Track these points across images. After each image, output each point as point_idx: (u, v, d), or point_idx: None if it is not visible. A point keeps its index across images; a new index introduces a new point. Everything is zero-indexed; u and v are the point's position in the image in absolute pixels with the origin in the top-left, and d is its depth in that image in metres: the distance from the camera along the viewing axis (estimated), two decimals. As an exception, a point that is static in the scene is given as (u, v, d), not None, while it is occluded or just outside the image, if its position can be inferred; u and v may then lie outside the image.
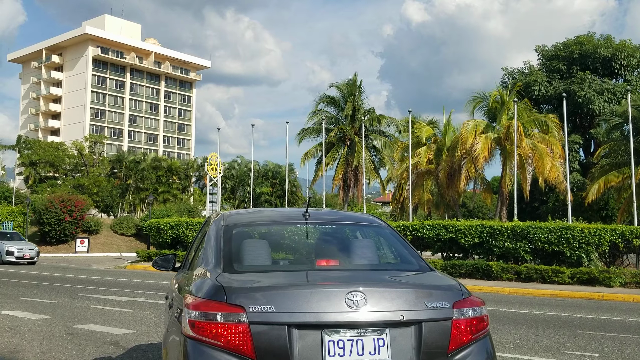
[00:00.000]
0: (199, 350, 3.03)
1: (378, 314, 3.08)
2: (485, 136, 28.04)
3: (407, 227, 22.94)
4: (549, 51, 41.71)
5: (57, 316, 10.39)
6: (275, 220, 4.67)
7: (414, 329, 3.12)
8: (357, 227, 4.50)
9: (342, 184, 38.89)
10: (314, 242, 4.25)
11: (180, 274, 4.72)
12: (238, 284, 3.21)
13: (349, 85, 39.64)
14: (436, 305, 3.19)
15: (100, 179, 63.43)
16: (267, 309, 2.99)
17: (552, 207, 40.49)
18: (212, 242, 3.86)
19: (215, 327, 3.01)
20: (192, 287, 3.41)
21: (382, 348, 3.07)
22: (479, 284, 19.21)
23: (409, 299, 3.17)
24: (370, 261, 3.92)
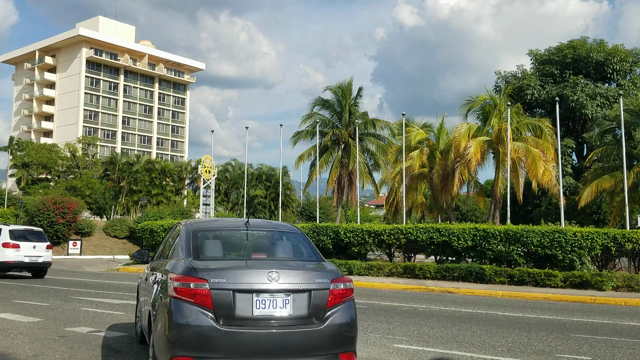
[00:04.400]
0: (179, 305, 5.27)
1: (286, 285, 5.37)
2: (478, 139, 28.10)
3: (401, 230, 22.97)
4: (542, 55, 41.90)
5: (49, 319, 10.35)
6: (226, 227, 6.97)
7: (307, 294, 5.45)
8: (281, 233, 6.88)
9: (336, 187, 38.89)
10: (251, 242, 6.50)
11: (155, 263, 7.26)
12: (203, 266, 5.46)
13: (343, 88, 39.68)
14: (320, 281, 5.54)
15: (93, 181, 63.21)
16: (220, 281, 5.26)
17: (545, 211, 40.64)
18: (184, 241, 6.19)
19: (189, 291, 5.25)
20: (174, 268, 5.67)
21: (288, 304, 5.40)
22: (472, 287, 19.25)
23: (304, 277, 5.53)
24: (286, 255, 6.46)
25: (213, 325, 5.25)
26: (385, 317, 11.94)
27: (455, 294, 18.37)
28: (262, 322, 5.37)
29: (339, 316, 5.60)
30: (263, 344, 5.34)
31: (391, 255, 24.34)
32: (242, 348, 5.28)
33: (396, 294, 17.74)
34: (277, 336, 5.36)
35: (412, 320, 11.57)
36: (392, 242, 23.29)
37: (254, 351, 5.31)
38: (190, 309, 5.27)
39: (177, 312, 5.29)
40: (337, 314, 5.60)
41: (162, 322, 5.53)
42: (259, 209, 68.40)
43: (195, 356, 5.27)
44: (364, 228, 23.67)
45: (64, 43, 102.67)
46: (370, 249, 23.99)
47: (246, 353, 5.28)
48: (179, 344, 5.28)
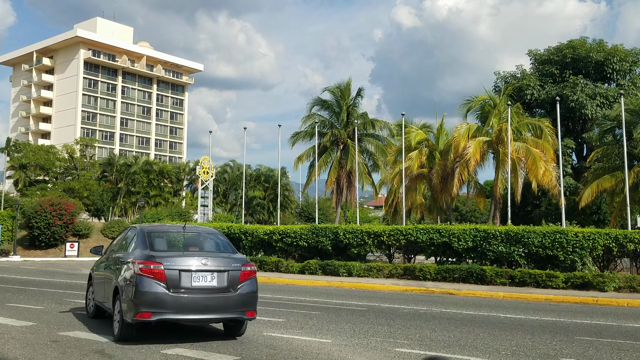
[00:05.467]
0: (142, 279, 8.11)
1: (213, 267, 8.43)
2: (477, 140, 27.89)
3: (401, 231, 22.75)
4: (542, 55, 41.73)
5: (43, 323, 10.12)
6: (169, 230, 9.88)
7: (226, 273, 8.51)
8: (207, 234, 10.03)
9: (335, 188, 38.64)
10: (187, 240, 9.54)
11: (113, 255, 9.96)
12: (158, 255, 8.43)
13: (342, 89, 39.44)
14: (235, 265, 8.65)
15: (91, 182, 62.91)
16: (170, 264, 8.25)
17: (545, 211, 40.46)
18: (141, 239, 9.07)
19: (150, 270, 8.17)
20: (137, 256, 8.54)
21: (214, 279, 8.41)
22: (472, 289, 19.06)
23: (225, 262, 8.63)
24: (211, 248, 9.47)
25: (166, 292, 8.25)
26: (386, 319, 11.73)
27: (456, 296, 18.17)
28: (197, 290, 8.43)
29: (247, 287, 8.83)
30: (198, 304, 8.42)
31: (391, 256, 24.12)
32: (185, 306, 8.35)
33: (396, 296, 17.54)
34: (207, 299, 8.48)
35: (414, 322, 11.36)
36: (392, 243, 23.08)
37: (191, 308, 8.39)
38: (150, 282, 8.24)
39: (141, 284, 8.23)
40: (245, 286, 8.81)
41: (130, 291, 8.32)
42: (258, 210, 68.13)
43: (153, 312, 8.21)
44: (363, 229, 23.45)
45: (61, 44, 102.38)
46: (370, 250, 23.77)
47: (187, 310, 8.38)
48: (142, 304, 8.16)
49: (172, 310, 8.25)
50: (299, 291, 18.33)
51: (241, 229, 26.84)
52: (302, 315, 12.08)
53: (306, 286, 20.58)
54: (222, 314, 8.63)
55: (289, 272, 24.12)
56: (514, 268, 20.98)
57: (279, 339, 9.08)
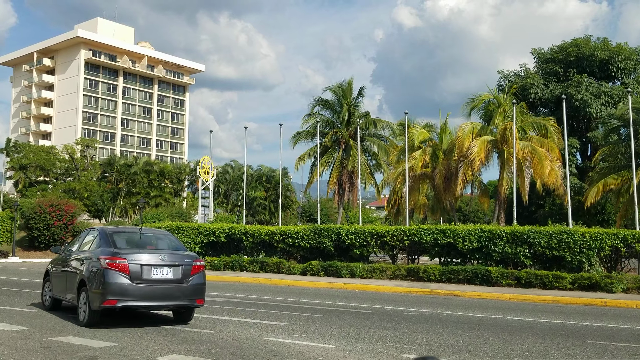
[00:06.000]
0: (109, 272, 9.57)
1: (169, 262, 10.05)
2: (482, 139, 27.50)
3: (404, 231, 22.37)
4: (545, 54, 41.33)
5: (35, 327, 9.75)
6: (128, 231, 11.42)
7: (180, 267, 10.11)
8: (160, 235, 11.50)
9: (337, 188, 38.25)
10: (144, 240, 10.81)
11: (70, 254, 11.53)
12: (121, 251, 9.96)
13: (343, 88, 39.07)
14: (187, 260, 10.27)
15: (92, 183, 62.58)
16: (133, 259, 9.77)
17: (549, 211, 40.06)
18: (104, 238, 10.45)
19: (115, 264, 9.66)
20: (103, 252, 9.98)
21: (170, 272, 9.98)
22: (478, 290, 18.69)
23: (179, 258, 10.24)
24: (166, 247, 10.78)
25: (129, 282, 9.69)
26: (391, 323, 11.35)
27: (461, 297, 17.80)
28: (156, 281, 9.92)
29: (197, 279, 10.39)
30: (157, 293, 9.95)
31: (394, 257, 23.74)
32: (145, 295, 9.82)
33: (400, 298, 17.16)
34: (164, 289, 10.01)
35: (420, 326, 10.99)
36: (395, 244, 22.70)
37: (151, 297, 9.89)
38: (116, 274, 9.68)
39: (108, 276, 9.66)
40: (195, 278, 10.35)
41: (97, 282, 9.73)
42: (259, 211, 67.76)
43: (118, 299, 9.62)
44: (366, 230, 23.07)
45: (62, 45, 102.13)
46: (373, 251, 23.38)
47: (147, 298, 9.86)
48: (109, 293, 9.59)
49: (135, 298, 9.78)
50: (301, 293, 17.96)
51: (242, 229, 26.49)
52: (304, 318, 11.71)
53: (308, 288, 20.22)
54: (177, 302, 10.23)
55: (290, 273, 23.76)
56: (520, 269, 20.61)
57: (280, 345, 8.70)
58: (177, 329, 9.96)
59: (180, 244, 11.18)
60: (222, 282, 21.88)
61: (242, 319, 11.41)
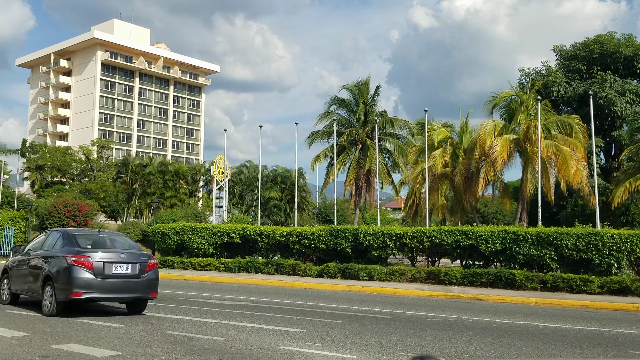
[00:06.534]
0: (75, 268, 10.89)
1: (127, 260, 11.44)
2: (504, 137, 26.63)
3: (424, 233, 21.62)
4: (568, 51, 40.24)
5: (36, 333, 9.18)
6: (88, 232, 12.98)
7: (138, 264, 11.51)
8: (117, 236, 12.89)
9: (354, 189, 37.49)
10: (102, 240, 12.14)
11: (30, 253, 12.65)
12: (85, 250, 11.32)
13: (360, 87, 38.31)
14: (143, 258, 11.69)
15: (107, 183, 62.45)
16: (96, 257, 11.11)
17: (572, 213, 38.99)
18: (67, 238, 11.86)
19: (81, 262, 10.98)
20: (68, 251, 11.28)
21: (129, 269, 11.38)
22: (502, 294, 17.93)
23: (136, 256, 11.64)
24: (123, 247, 12.09)
25: (93, 277, 10.90)
26: (415, 330, 10.65)
27: (485, 302, 17.05)
28: (116, 276, 11.17)
29: (151, 275, 11.64)
30: (117, 286, 11.21)
31: (413, 259, 23.00)
32: (107, 288, 11.06)
33: (421, 302, 16.44)
34: (123, 283, 11.27)
35: (445, 333, 10.27)
36: (415, 246, 21.95)
37: (112, 289, 11.15)
38: (81, 270, 10.88)
39: (74, 272, 10.85)
40: (150, 274, 11.62)
41: (64, 277, 10.93)
42: (274, 212, 67.18)
43: (83, 292, 10.83)
44: (384, 231, 22.35)
45: (79, 46, 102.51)
46: (392, 252, 22.64)
47: (109, 291, 11.11)
48: (75, 286, 10.79)
49: (98, 291, 11.06)
50: (317, 296, 17.31)
51: (257, 230, 25.90)
52: (322, 324, 11.04)
53: (325, 290, 19.56)
54: (134, 294, 11.57)
55: (306, 275, 23.12)
56: (546, 272, 19.81)
57: (297, 355, 8.02)
58: (187, 335, 9.33)
59: (134, 244, 12.73)
60: (237, 285, 21.32)
61: (256, 324, 10.77)
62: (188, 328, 10.10)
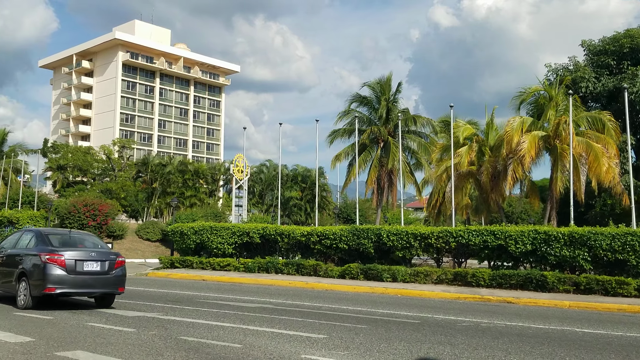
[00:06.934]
0: (49, 265, 12.00)
1: (97, 258, 12.58)
2: (533, 134, 25.68)
3: (450, 232, 20.82)
4: (596, 46, 39.02)
5: (43, 338, 8.62)
6: (60, 232, 14.05)
7: (107, 261, 12.66)
8: (86, 236, 14.22)
9: (376, 188, 36.67)
10: (73, 240, 13.32)
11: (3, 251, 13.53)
12: (58, 249, 12.44)
13: (382, 84, 37.47)
14: (112, 256, 12.84)
15: (128, 183, 62.43)
16: (69, 255, 12.26)
17: (600, 212, 37.79)
18: (40, 238, 12.90)
19: (54, 260, 12.08)
20: (42, 250, 12.33)
21: (98, 266, 12.53)
22: (533, 297, 17.10)
23: (105, 255, 12.78)
24: (93, 246, 13.30)
25: (65, 274, 11.89)
26: (446, 336, 9.92)
27: (516, 305, 16.25)
28: (87, 273, 12.20)
29: (119, 272, 12.68)
30: (87, 282, 12.22)
31: (439, 260, 22.20)
32: (78, 284, 12.10)
33: (449, 305, 15.69)
34: (93, 279, 12.28)
35: (479, 340, 9.53)
36: (441, 246, 21.15)
37: (83, 285, 12.19)
38: (55, 267, 11.85)
39: (48, 269, 11.81)
40: (118, 270, 12.65)
41: (38, 274, 11.86)
42: (294, 211, 66.60)
43: (57, 287, 11.79)
44: (409, 231, 21.58)
45: (100, 47, 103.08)
46: (416, 253, 21.87)
47: (80, 286, 12.16)
48: (50, 282, 11.74)
49: (70, 286, 12.08)
50: (340, 298, 16.64)
51: (277, 230, 25.30)
52: (347, 329, 10.36)
53: (347, 292, 18.88)
54: (103, 289, 12.62)
55: (328, 276, 22.46)
56: (578, 274, 18.91)
57: (320, 364, 7.37)
58: (202, 342, 8.70)
59: (103, 243, 13.88)
60: (256, 286, 20.74)
61: (276, 329, 10.13)
62: (204, 333, 9.50)
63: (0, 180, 51.78)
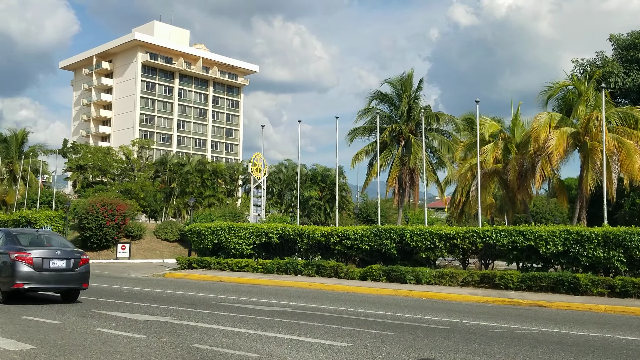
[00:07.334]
0: (18, 263, 12.88)
1: (63, 256, 13.49)
2: (561, 130, 24.70)
3: (477, 233, 19.96)
4: (625, 40, 37.73)
5: (45, 346, 8.02)
6: (28, 232, 15.21)
7: (72, 259, 13.58)
8: (53, 235, 15.78)
9: (397, 187, 35.86)
10: (40, 239, 14.48)
11: None
12: (26, 248, 13.38)
13: (403, 81, 36.63)
14: (77, 255, 13.83)
15: (147, 183, 62.28)
16: (36, 254, 13.12)
17: (629, 212, 36.56)
18: (9, 238, 13.91)
19: (22, 258, 12.96)
20: (11, 249, 13.27)
21: (64, 263, 13.42)
22: (566, 300, 16.22)
23: (70, 253, 13.81)
24: (59, 245, 14.50)
25: (33, 271, 12.75)
26: (479, 344, 9.15)
27: (548, 309, 15.39)
28: (53, 270, 13.06)
29: (83, 269, 13.59)
30: (54, 278, 13.08)
31: (464, 261, 21.35)
32: (45, 280, 12.95)
33: (477, 309, 14.88)
34: (59, 276, 13.16)
35: (517, 350, 8.74)
36: (467, 247, 20.30)
37: (50, 281, 13.04)
38: (23, 265, 12.73)
39: (17, 266, 12.70)
40: (82, 267, 13.56)
41: (8, 271, 12.77)
42: (314, 211, 65.92)
43: (25, 283, 12.68)
44: (433, 231, 20.77)
45: (120, 48, 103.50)
46: (441, 254, 21.04)
47: (47, 282, 13.01)
48: (18, 278, 12.65)
49: (37, 282, 12.86)
50: (362, 301, 15.92)
51: (296, 230, 24.64)
52: (372, 336, 9.64)
53: (369, 295, 18.16)
54: (68, 285, 13.44)
55: (349, 278, 21.74)
56: (613, 276, 17.96)
57: (345, 378, 6.66)
58: (216, 350, 8.04)
59: (68, 242, 15.14)
60: (275, 287, 20.10)
61: (295, 336, 9.45)
62: (218, 340, 8.84)
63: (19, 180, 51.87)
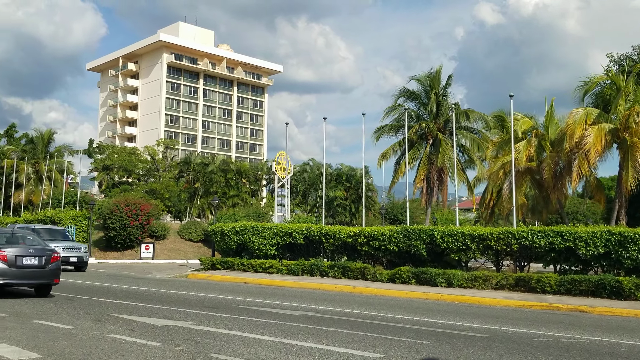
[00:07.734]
0: None
1: (35, 254, 14.28)
2: (598, 126, 23.60)
3: (512, 234, 19.02)
4: (663, 34, 36.47)
5: (51, 355, 7.41)
6: (3, 231, 16.40)
7: (45, 257, 14.33)
8: (27, 234, 16.37)
9: (425, 187, 34.91)
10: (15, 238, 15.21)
11: None
12: (1, 246, 14.09)
13: (431, 77, 35.62)
14: (49, 252, 14.56)
15: (171, 183, 62.22)
16: (10, 252, 13.89)
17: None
18: None
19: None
20: None
21: (36, 260, 14.20)
22: (608, 305, 15.24)
23: (42, 251, 14.50)
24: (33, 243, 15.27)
25: (7, 267, 13.63)
26: (525, 356, 8.31)
27: (590, 314, 14.43)
28: (26, 266, 13.92)
29: (54, 266, 14.39)
30: (27, 274, 13.97)
31: (498, 264, 20.40)
32: (19, 276, 13.85)
33: (514, 314, 13.99)
34: (32, 272, 14.02)
35: (568, 363, 7.89)
36: (501, 249, 19.36)
37: (23, 277, 13.94)
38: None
39: None
40: (53, 265, 14.36)
41: None
42: (339, 211, 65.13)
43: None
44: (465, 232, 19.87)
45: (145, 49, 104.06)
46: (473, 256, 20.14)
47: (20, 278, 13.89)
48: None
49: (11, 278, 13.63)
50: (391, 305, 15.13)
51: (321, 230, 23.93)
52: (406, 346, 8.86)
53: (399, 298, 17.35)
54: (41, 280, 14.19)
55: (376, 280, 20.94)
56: (658, 279, 16.89)
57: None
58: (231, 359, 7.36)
59: (41, 240, 15.82)
60: (300, 290, 19.39)
61: (323, 345, 8.71)
62: (238, 350, 8.14)
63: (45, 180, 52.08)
